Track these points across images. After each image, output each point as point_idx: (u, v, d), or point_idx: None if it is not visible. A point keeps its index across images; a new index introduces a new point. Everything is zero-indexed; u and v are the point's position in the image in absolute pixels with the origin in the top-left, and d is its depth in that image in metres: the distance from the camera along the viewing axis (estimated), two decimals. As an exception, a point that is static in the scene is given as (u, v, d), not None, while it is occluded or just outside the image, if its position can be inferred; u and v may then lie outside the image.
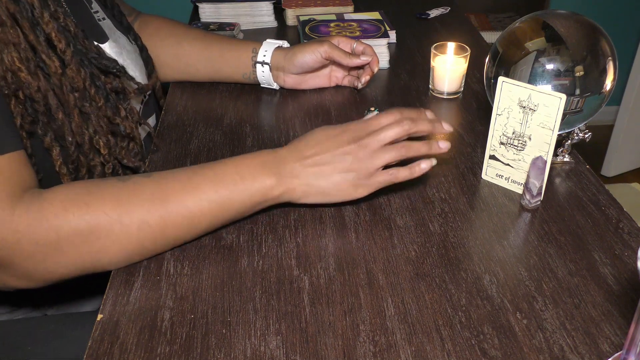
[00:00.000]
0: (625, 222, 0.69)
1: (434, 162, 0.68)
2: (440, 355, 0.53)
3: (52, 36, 0.64)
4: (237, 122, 0.91)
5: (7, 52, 0.59)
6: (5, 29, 0.59)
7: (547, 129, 0.68)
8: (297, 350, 0.54)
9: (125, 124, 0.72)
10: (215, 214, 0.63)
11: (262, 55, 0.94)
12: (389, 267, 0.63)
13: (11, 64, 0.59)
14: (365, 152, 0.65)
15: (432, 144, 0.67)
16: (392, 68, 1.09)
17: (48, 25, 0.63)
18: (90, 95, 0.68)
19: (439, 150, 0.68)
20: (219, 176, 0.63)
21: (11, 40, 0.59)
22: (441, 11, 1.35)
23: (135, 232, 0.59)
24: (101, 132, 0.69)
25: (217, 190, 0.62)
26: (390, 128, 0.65)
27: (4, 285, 0.60)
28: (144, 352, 0.54)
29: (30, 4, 0.62)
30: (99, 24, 0.80)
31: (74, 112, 0.66)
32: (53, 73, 0.64)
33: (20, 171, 0.59)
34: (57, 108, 0.64)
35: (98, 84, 0.69)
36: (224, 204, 0.63)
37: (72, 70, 0.65)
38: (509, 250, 0.65)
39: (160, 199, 0.60)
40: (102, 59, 0.71)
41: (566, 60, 0.70)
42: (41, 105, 0.63)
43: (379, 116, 0.67)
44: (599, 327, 0.56)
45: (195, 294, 0.60)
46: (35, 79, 0.62)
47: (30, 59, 0.61)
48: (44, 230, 0.56)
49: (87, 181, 0.62)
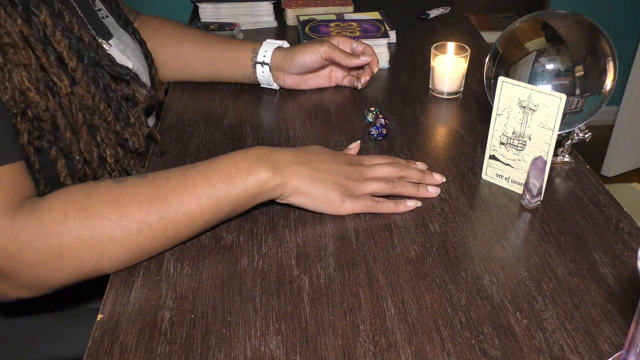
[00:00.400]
0: (625, 222, 0.69)
1: (419, 204, 0.71)
2: (440, 355, 0.53)
3: (64, 55, 0.65)
4: (237, 122, 0.91)
5: (17, 72, 0.60)
6: (17, 51, 0.60)
7: (547, 129, 0.68)
8: (297, 350, 0.54)
9: (134, 138, 0.73)
10: (213, 210, 0.63)
11: (262, 55, 0.94)
12: (389, 267, 0.63)
13: (20, 83, 0.60)
14: (358, 176, 0.70)
15: (422, 187, 0.72)
16: (392, 68, 1.09)
17: (60, 44, 0.64)
18: (100, 111, 0.69)
19: (427, 194, 0.72)
20: (215, 171, 0.63)
21: (22, 61, 0.61)
22: (441, 11, 1.35)
23: (135, 233, 0.59)
24: (109, 144, 0.70)
25: (214, 185, 0.62)
26: (384, 166, 0.72)
27: (5, 297, 0.60)
28: (144, 352, 0.54)
29: (43, 23, 0.63)
30: (103, 21, 0.80)
31: (82, 130, 0.67)
32: (63, 93, 0.65)
33: (20, 181, 0.59)
34: (65, 128, 0.65)
35: (111, 95, 0.70)
36: (221, 198, 0.63)
37: (81, 88, 0.66)
38: (509, 250, 0.65)
39: (158, 198, 0.60)
40: (115, 66, 0.72)
41: (566, 60, 0.70)
42: (48, 124, 0.64)
43: (373, 155, 0.74)
44: (599, 327, 0.56)
45: (195, 294, 0.60)
46: (44, 99, 0.63)
47: (40, 79, 0.62)
48: (44, 238, 0.56)
49: (84, 184, 0.62)
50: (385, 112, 0.93)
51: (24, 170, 0.61)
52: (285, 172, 0.65)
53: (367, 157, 0.73)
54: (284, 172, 0.65)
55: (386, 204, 0.69)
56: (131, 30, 0.88)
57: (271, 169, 0.65)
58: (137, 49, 0.85)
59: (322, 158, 0.69)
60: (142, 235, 0.60)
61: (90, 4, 0.80)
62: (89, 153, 0.68)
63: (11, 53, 0.60)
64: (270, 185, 0.65)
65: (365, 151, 0.83)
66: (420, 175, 0.73)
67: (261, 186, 0.64)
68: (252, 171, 0.64)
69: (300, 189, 0.66)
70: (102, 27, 0.79)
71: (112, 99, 0.70)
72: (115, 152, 0.71)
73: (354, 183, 0.69)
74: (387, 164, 0.72)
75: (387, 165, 0.72)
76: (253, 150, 0.66)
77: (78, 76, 0.66)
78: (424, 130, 0.88)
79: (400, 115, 0.92)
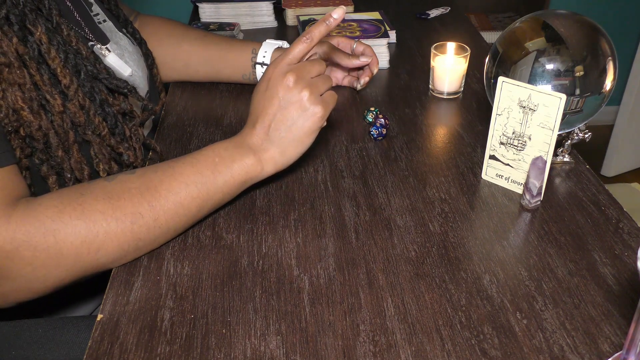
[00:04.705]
0: (625, 222, 0.69)
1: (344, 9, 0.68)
2: (440, 355, 0.53)
3: (57, 72, 0.65)
4: (237, 122, 0.91)
5: (12, 91, 0.61)
6: (12, 70, 0.61)
7: (547, 129, 0.68)
8: (297, 350, 0.54)
9: (129, 152, 0.73)
10: (203, 197, 0.65)
11: (262, 56, 0.94)
12: (389, 267, 0.63)
13: (14, 102, 0.61)
14: (299, 70, 0.66)
15: (326, 17, 0.68)
16: (392, 68, 1.09)
17: (54, 61, 0.65)
18: (94, 125, 0.69)
19: (333, 20, 0.67)
20: (200, 161, 0.65)
21: (17, 80, 0.61)
22: (441, 11, 1.35)
23: (129, 224, 0.60)
24: (103, 159, 0.70)
25: (201, 173, 0.64)
26: (294, 48, 0.67)
27: (4, 300, 0.60)
28: (144, 352, 0.54)
29: (39, 40, 0.63)
30: (99, 27, 0.80)
31: (72, 148, 0.67)
32: (55, 111, 0.65)
33: (14, 182, 0.60)
34: (57, 146, 0.66)
35: (107, 110, 0.71)
36: (210, 185, 0.65)
37: (74, 105, 0.67)
38: (509, 250, 0.65)
39: (149, 190, 0.62)
40: (112, 79, 0.72)
41: (566, 60, 0.70)
42: (40, 143, 0.65)
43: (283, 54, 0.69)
44: (599, 327, 0.56)
45: (195, 294, 0.60)
46: (37, 118, 0.63)
47: (34, 98, 0.63)
48: (41, 235, 0.56)
49: (77, 185, 0.63)
50: (385, 112, 0.93)
51: (18, 172, 0.61)
52: (263, 150, 0.67)
53: (279, 59, 0.68)
54: (263, 151, 0.67)
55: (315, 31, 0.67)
56: (131, 30, 0.88)
57: (251, 153, 0.67)
58: (135, 53, 0.85)
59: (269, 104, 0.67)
60: (135, 226, 0.61)
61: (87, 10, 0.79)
62: (79, 171, 0.69)
63: (6, 72, 0.60)
64: (258, 169, 0.67)
65: (366, 151, 0.83)
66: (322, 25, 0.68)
67: (248, 171, 0.67)
68: (236, 159, 0.66)
69: (285, 149, 0.67)
70: (99, 33, 0.79)
71: (108, 113, 0.71)
72: (109, 167, 0.71)
73: (305, 78, 0.66)
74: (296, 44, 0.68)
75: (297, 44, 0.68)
76: (229, 141, 0.68)
77: (71, 93, 0.66)
78: (424, 130, 0.88)
79: (400, 115, 0.92)
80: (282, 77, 0.66)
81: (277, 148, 0.67)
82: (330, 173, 0.78)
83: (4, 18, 0.60)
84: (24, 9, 0.63)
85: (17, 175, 0.61)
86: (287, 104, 0.66)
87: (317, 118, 0.66)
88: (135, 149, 0.74)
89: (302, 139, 0.67)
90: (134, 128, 0.75)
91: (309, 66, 0.67)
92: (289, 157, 0.68)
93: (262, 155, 0.67)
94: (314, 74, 0.68)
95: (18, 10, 0.62)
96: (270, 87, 0.67)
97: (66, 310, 0.82)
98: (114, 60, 0.78)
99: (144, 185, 0.62)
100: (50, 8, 0.66)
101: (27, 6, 0.63)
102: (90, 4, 0.81)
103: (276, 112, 0.66)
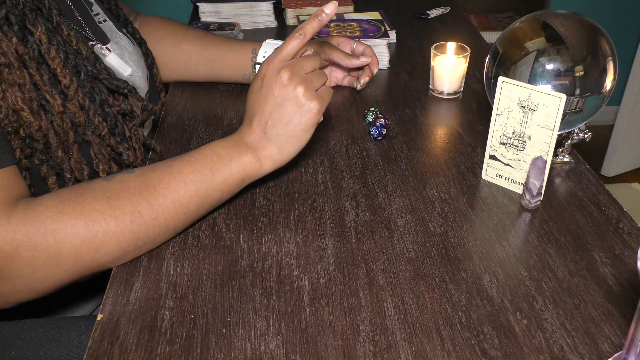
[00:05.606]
0: (625, 222, 0.69)
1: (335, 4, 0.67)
2: (440, 355, 0.53)
3: (57, 72, 0.65)
4: (237, 122, 0.91)
5: (12, 92, 0.61)
6: (12, 70, 0.61)
7: (547, 129, 0.68)
8: (297, 350, 0.54)
9: (129, 152, 0.73)
10: (201, 195, 0.65)
11: (262, 56, 0.94)
12: (389, 267, 0.63)
13: (14, 103, 0.61)
14: (293, 66, 0.66)
15: (319, 12, 0.67)
16: (392, 68, 1.09)
17: (54, 61, 0.65)
18: (94, 125, 0.69)
19: (325, 15, 0.67)
20: (198, 160, 0.66)
21: (17, 81, 0.61)
22: (441, 11, 1.35)
23: (128, 223, 0.60)
24: (102, 159, 0.70)
25: (199, 171, 0.64)
26: (287, 44, 0.66)
27: (4, 301, 0.60)
28: (144, 352, 0.54)
29: (39, 40, 0.63)
30: (100, 26, 0.80)
31: (72, 149, 0.67)
32: (55, 112, 0.65)
33: (14, 182, 0.60)
34: (57, 146, 0.66)
35: (107, 110, 0.71)
36: (208, 183, 0.65)
37: (74, 106, 0.66)
38: (509, 250, 0.65)
39: (147, 189, 0.62)
40: (112, 80, 0.72)
41: (566, 60, 0.70)
42: (40, 144, 0.65)
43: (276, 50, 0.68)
44: (599, 327, 0.56)
45: (195, 294, 0.60)
46: (37, 119, 0.63)
47: (34, 99, 0.63)
48: (41, 235, 0.57)
49: (76, 185, 0.63)
50: (385, 112, 0.93)
51: (18, 173, 0.61)
52: (261, 148, 0.67)
53: (273, 55, 0.68)
54: (261, 149, 0.67)
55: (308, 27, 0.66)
56: (131, 29, 0.88)
57: (249, 151, 0.67)
58: (135, 53, 0.85)
59: (264, 101, 0.66)
60: (135, 225, 0.61)
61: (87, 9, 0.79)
62: (79, 171, 0.69)
63: (6, 73, 0.60)
64: (257, 167, 0.67)
65: (366, 151, 0.83)
66: (314, 20, 0.68)
67: (246, 169, 0.67)
68: (234, 157, 0.66)
69: (283, 146, 0.67)
70: (100, 32, 0.79)
71: (108, 114, 0.71)
72: (108, 167, 0.71)
73: (300, 75, 0.66)
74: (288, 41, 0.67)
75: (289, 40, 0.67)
76: (227, 139, 0.68)
77: (71, 93, 0.66)
78: (424, 130, 0.88)
79: (400, 115, 0.92)
80: (277, 74, 0.66)
81: (275, 145, 0.67)
82: (330, 173, 0.78)
83: (3, 18, 0.60)
84: (24, 8, 0.62)
85: (17, 175, 0.61)
86: (282, 101, 0.66)
87: (314, 113, 0.66)
88: (135, 149, 0.74)
89: (300, 135, 0.67)
90: (134, 128, 0.75)
91: (302, 62, 0.67)
92: (287, 153, 0.68)
93: (260, 153, 0.67)
94: (309, 70, 0.67)
95: (18, 10, 0.62)
96: (265, 84, 0.66)
97: (66, 310, 0.82)
98: (114, 60, 0.78)
99: (142, 184, 0.62)
100: (50, 8, 0.66)
101: (27, 6, 0.63)
102: (91, 4, 0.81)
103: (272, 109, 0.66)
